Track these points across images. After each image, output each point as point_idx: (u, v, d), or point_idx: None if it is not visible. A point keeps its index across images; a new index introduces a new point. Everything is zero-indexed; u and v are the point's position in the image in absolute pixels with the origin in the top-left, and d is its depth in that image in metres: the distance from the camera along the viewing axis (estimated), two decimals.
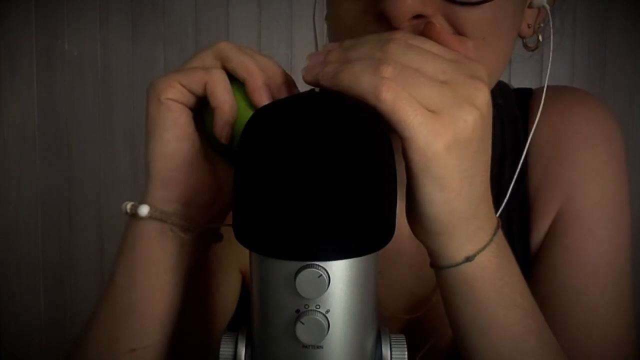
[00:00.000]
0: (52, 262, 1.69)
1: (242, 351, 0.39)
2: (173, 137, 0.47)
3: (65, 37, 1.63)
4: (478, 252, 0.44)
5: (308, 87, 0.44)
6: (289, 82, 0.48)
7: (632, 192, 0.63)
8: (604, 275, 0.59)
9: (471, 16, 0.46)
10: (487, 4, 0.46)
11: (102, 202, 1.66)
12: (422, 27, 0.44)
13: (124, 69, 1.63)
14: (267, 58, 0.48)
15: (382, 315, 0.40)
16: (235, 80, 0.47)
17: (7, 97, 1.65)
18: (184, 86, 0.46)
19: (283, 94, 0.47)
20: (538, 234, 0.62)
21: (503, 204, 0.55)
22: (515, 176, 0.57)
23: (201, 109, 0.49)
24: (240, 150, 0.37)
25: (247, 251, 0.37)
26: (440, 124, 0.38)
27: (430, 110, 0.38)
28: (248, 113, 0.46)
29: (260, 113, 0.38)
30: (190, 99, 0.47)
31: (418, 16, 0.45)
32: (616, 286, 0.60)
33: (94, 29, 1.62)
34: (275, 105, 0.39)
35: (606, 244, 0.60)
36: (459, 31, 0.46)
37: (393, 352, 0.39)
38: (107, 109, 1.64)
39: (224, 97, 0.46)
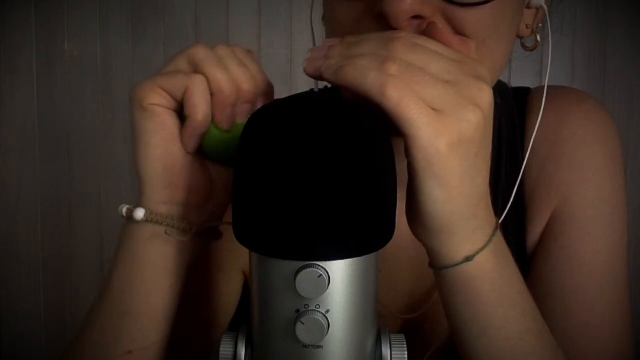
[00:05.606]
0: (52, 262, 1.69)
1: (242, 351, 0.39)
2: (160, 141, 0.46)
3: (65, 37, 1.63)
4: (477, 252, 0.44)
5: (307, 87, 0.44)
6: (267, 91, 0.47)
7: (632, 192, 0.63)
8: (600, 275, 0.59)
9: (470, 17, 0.46)
10: (486, 5, 0.46)
11: (102, 202, 1.66)
12: (424, 27, 0.44)
13: (124, 69, 1.63)
14: (243, 67, 0.46)
15: (380, 315, 0.40)
16: None
17: (7, 97, 1.65)
18: (165, 90, 0.46)
19: (256, 108, 0.45)
20: (534, 234, 0.62)
21: (507, 207, 0.55)
22: (519, 178, 0.57)
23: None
24: (240, 150, 0.37)
25: (248, 252, 0.37)
26: (444, 123, 0.38)
27: (434, 110, 0.38)
28: (215, 130, 0.46)
29: (260, 113, 0.38)
30: (173, 102, 0.47)
31: (417, 17, 0.45)
32: (613, 286, 0.60)
33: (94, 29, 1.62)
34: (275, 105, 0.39)
35: (602, 244, 0.60)
36: (459, 32, 0.46)
37: (393, 352, 0.39)
38: (107, 109, 1.64)
39: (199, 107, 0.45)
